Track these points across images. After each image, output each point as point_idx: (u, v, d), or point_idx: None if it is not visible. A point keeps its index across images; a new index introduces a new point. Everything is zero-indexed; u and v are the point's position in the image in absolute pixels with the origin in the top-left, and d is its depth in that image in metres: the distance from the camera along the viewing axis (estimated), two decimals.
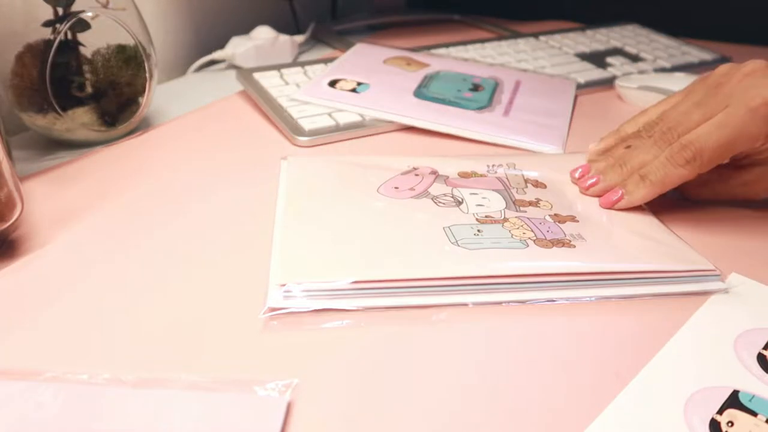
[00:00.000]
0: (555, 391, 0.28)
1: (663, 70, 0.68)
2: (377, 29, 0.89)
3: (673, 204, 0.43)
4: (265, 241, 0.38)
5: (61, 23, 0.47)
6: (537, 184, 0.43)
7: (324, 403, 0.27)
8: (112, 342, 0.31)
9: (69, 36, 0.48)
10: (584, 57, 0.72)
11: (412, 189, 0.41)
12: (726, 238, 0.40)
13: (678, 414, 0.27)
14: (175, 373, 0.28)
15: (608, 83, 0.65)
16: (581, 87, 0.63)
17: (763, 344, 0.31)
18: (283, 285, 0.32)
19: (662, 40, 0.78)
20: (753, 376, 0.29)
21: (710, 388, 0.28)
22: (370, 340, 0.31)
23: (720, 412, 0.27)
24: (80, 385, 0.27)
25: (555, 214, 0.39)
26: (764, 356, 0.30)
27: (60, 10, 0.47)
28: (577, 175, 0.43)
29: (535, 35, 0.79)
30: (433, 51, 0.71)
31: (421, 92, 0.57)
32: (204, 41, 0.77)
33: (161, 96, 0.62)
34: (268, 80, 0.60)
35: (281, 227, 0.37)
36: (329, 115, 0.54)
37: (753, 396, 0.28)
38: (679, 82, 0.58)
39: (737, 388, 0.28)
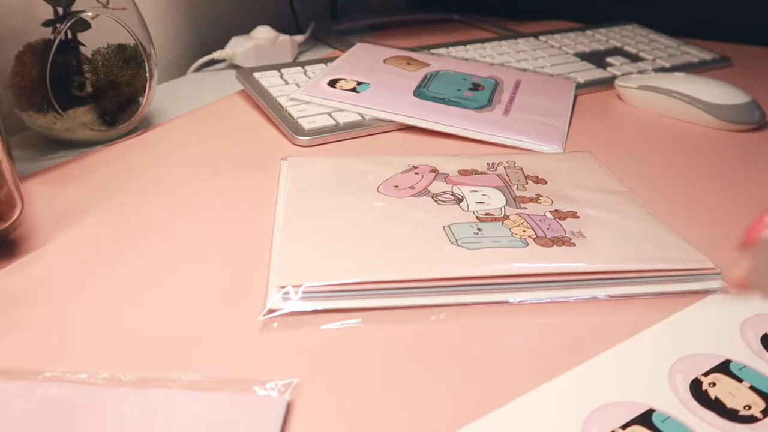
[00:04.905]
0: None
1: (663, 69, 0.68)
2: (377, 29, 0.89)
3: (673, 201, 0.43)
4: (264, 242, 0.38)
5: (61, 23, 0.47)
6: (537, 180, 0.43)
7: (324, 402, 0.27)
8: (112, 341, 0.31)
9: (69, 36, 0.48)
10: (584, 57, 0.72)
11: (412, 187, 0.41)
12: (725, 232, 0.40)
13: (663, 374, 0.29)
14: (174, 373, 0.28)
15: (608, 83, 0.65)
16: (581, 87, 0.63)
17: None
18: (283, 287, 0.32)
19: (662, 40, 0.78)
20: (751, 352, 0.30)
21: (702, 355, 0.30)
22: (370, 340, 0.31)
23: (706, 374, 0.28)
24: (80, 384, 0.27)
25: (555, 210, 0.39)
26: None
27: (60, 10, 0.47)
28: None
29: (535, 35, 0.79)
30: (433, 51, 0.71)
31: (421, 92, 0.57)
32: (204, 41, 0.77)
33: (161, 95, 0.62)
34: (268, 80, 0.60)
35: (281, 227, 0.37)
36: (329, 114, 0.54)
37: (744, 366, 0.29)
38: (679, 82, 0.58)
39: (731, 358, 0.30)
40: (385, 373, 0.29)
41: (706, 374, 0.28)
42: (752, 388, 0.28)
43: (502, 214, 0.38)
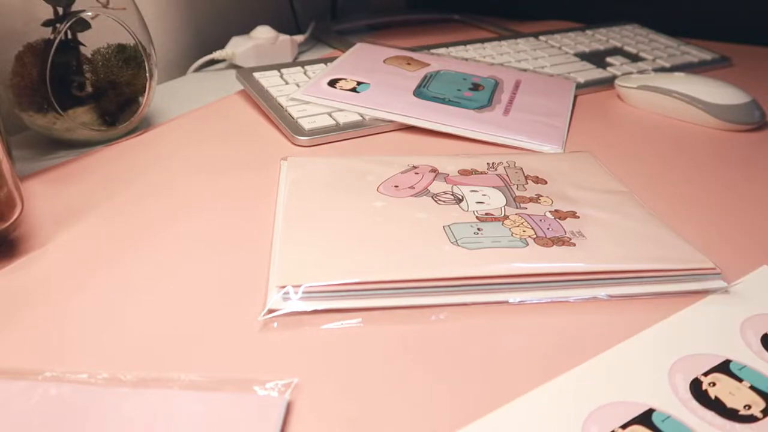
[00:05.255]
0: None
1: (663, 69, 0.68)
2: (377, 29, 0.89)
3: (673, 201, 0.43)
4: (264, 242, 0.38)
5: (61, 23, 0.47)
6: (537, 180, 0.43)
7: (324, 402, 0.27)
8: (112, 341, 0.31)
9: (69, 35, 0.48)
10: (584, 57, 0.72)
11: (412, 187, 0.41)
12: (725, 232, 0.40)
13: (663, 374, 0.29)
14: (174, 373, 0.28)
15: (608, 83, 0.65)
16: (581, 87, 0.63)
17: None
18: (283, 287, 0.32)
19: (662, 40, 0.78)
20: (751, 352, 0.30)
21: (702, 355, 0.30)
22: (370, 340, 0.31)
23: (706, 374, 0.29)
24: (80, 384, 0.27)
25: (555, 210, 0.39)
26: None
27: (60, 10, 0.47)
28: None
29: (535, 35, 0.79)
30: (433, 51, 0.71)
31: (421, 92, 0.57)
32: (204, 41, 0.77)
33: (161, 95, 0.62)
34: (268, 80, 0.60)
35: (281, 227, 0.37)
36: (329, 114, 0.54)
37: (744, 366, 0.29)
38: (679, 82, 0.58)
39: (731, 358, 0.30)
40: (385, 373, 0.29)
41: (706, 374, 0.28)
42: (752, 387, 0.28)
43: (502, 214, 0.38)
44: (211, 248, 0.38)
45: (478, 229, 0.37)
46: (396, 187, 0.41)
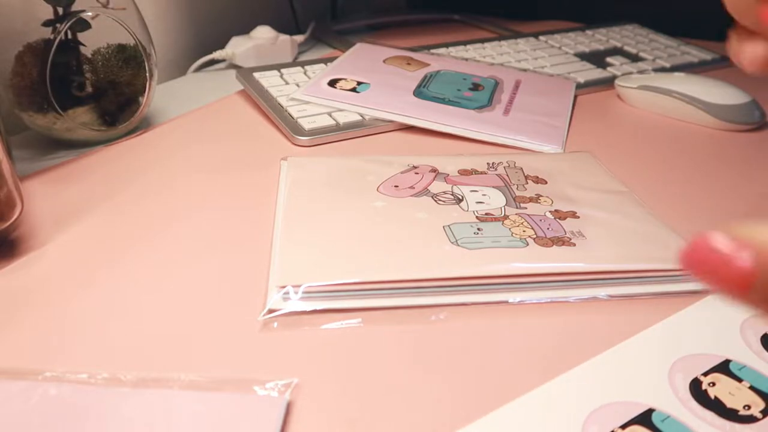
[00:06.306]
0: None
1: (663, 69, 0.68)
2: (377, 29, 0.89)
3: (673, 201, 0.43)
4: (264, 242, 0.38)
5: (61, 23, 0.47)
6: (537, 180, 0.43)
7: (324, 403, 0.27)
8: (112, 341, 0.31)
9: (69, 35, 0.48)
10: (584, 57, 0.72)
11: (412, 187, 0.41)
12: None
13: (663, 374, 0.29)
14: (174, 373, 0.28)
15: (608, 83, 0.65)
16: (581, 87, 0.63)
17: None
18: (283, 287, 0.32)
19: (662, 40, 0.78)
20: (751, 352, 0.30)
21: (702, 355, 0.30)
22: (370, 340, 0.31)
23: (706, 374, 0.29)
24: (80, 384, 0.27)
25: (555, 210, 0.39)
26: None
27: (60, 10, 0.47)
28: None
29: (535, 35, 0.79)
30: (433, 51, 0.71)
31: (421, 92, 0.57)
32: (204, 41, 0.77)
33: (161, 95, 0.62)
34: (268, 80, 0.60)
35: (281, 227, 0.37)
36: (329, 114, 0.54)
37: (744, 366, 0.29)
38: (679, 82, 0.58)
39: (731, 358, 0.30)
40: (385, 373, 0.29)
41: (705, 374, 0.28)
42: (752, 387, 0.28)
43: (502, 214, 0.38)
44: (211, 248, 0.38)
45: (478, 229, 0.37)
46: (396, 187, 0.41)
